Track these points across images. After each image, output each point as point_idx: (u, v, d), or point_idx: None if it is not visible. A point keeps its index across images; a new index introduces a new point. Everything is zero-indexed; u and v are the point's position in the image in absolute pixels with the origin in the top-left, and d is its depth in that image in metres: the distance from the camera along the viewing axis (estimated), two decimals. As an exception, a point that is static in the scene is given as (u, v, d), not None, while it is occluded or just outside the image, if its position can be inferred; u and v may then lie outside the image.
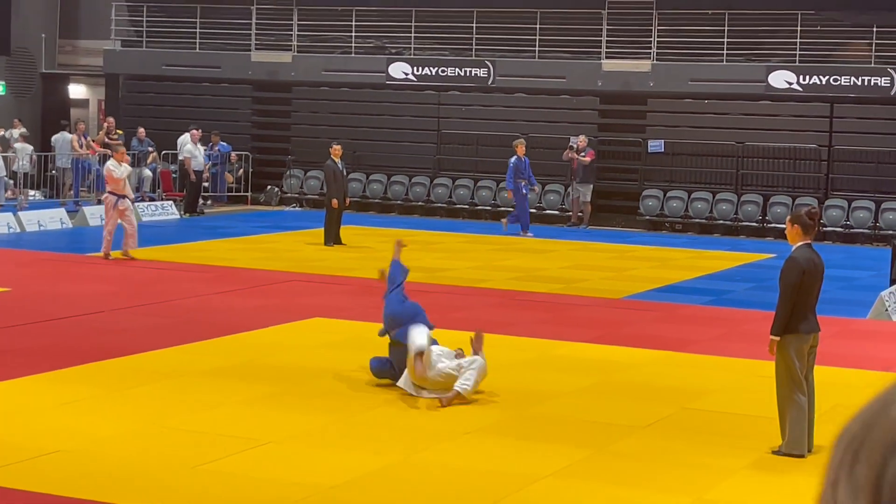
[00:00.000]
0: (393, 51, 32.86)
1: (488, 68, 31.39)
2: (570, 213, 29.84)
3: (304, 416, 10.94)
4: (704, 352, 14.48)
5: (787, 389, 10.06)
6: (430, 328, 12.04)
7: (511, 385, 12.12)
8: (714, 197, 29.71)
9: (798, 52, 29.20)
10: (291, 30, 33.64)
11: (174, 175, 31.23)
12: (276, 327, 15.25)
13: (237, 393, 11.67)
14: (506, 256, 23.41)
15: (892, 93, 28.34)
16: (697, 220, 29.60)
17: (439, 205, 31.73)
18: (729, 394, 12.36)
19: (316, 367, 12.91)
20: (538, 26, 31.16)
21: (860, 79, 28.55)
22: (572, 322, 16.29)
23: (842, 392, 12.32)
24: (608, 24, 30.70)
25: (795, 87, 29.06)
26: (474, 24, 31.66)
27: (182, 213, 29.34)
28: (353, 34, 32.96)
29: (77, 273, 19.61)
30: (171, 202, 29.57)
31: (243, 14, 33.85)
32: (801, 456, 10.04)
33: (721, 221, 29.43)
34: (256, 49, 33.76)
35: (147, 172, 31.09)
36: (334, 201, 23.92)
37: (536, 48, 31.31)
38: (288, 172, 32.88)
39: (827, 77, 28.77)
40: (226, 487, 8.91)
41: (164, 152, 31.66)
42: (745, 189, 29.66)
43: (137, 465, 9.31)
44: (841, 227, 28.35)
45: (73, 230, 26.11)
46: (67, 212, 27.07)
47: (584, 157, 29.05)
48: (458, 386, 11.48)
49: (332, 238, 24.03)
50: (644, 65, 30.26)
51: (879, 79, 28.39)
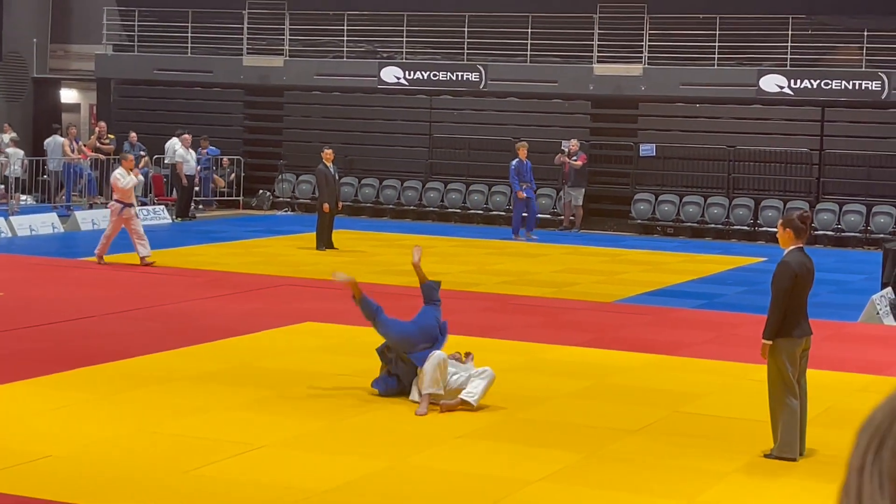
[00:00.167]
0: (385, 55, 32.86)
1: (480, 72, 31.40)
2: (562, 217, 29.86)
3: (297, 420, 10.93)
4: (696, 355, 14.49)
5: (780, 393, 10.07)
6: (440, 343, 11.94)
7: (503, 389, 12.11)
8: (705, 201, 29.74)
9: (789, 57, 29.24)
10: (283, 34, 33.64)
11: (165, 179, 31.20)
12: (269, 331, 15.25)
13: (229, 397, 11.67)
14: (497, 260, 23.42)
15: (883, 97, 28.39)
16: (689, 224, 29.63)
17: (431, 209, 31.72)
18: (721, 397, 12.37)
19: (308, 371, 12.91)
20: (530, 30, 31.17)
21: (851, 83, 28.59)
22: (564, 326, 16.30)
23: (834, 395, 12.34)
24: (600, 29, 30.73)
25: (787, 91, 29.10)
26: (466, 29, 31.68)
27: (174, 217, 29.31)
28: (345, 38, 32.96)
29: (69, 277, 19.59)
30: (162, 207, 29.55)
31: (235, 18, 33.84)
32: (793, 459, 10.05)
33: (712, 225, 29.46)
34: (248, 53, 33.75)
35: (139, 177, 31.03)
36: (326, 205, 23.92)
37: (528, 52, 31.32)
38: (280, 177, 32.87)
39: (818, 81, 28.82)
40: (218, 492, 8.90)
41: (155, 157, 31.61)
42: (736, 193, 29.69)
43: (129, 469, 9.30)
44: (832, 230, 28.39)
45: (65, 234, 26.08)
46: (59, 216, 27.05)
47: (575, 160, 29.08)
48: (466, 395, 11.46)
49: (324, 242, 24.03)
50: (636, 69, 30.28)
51: (870, 83, 28.43)
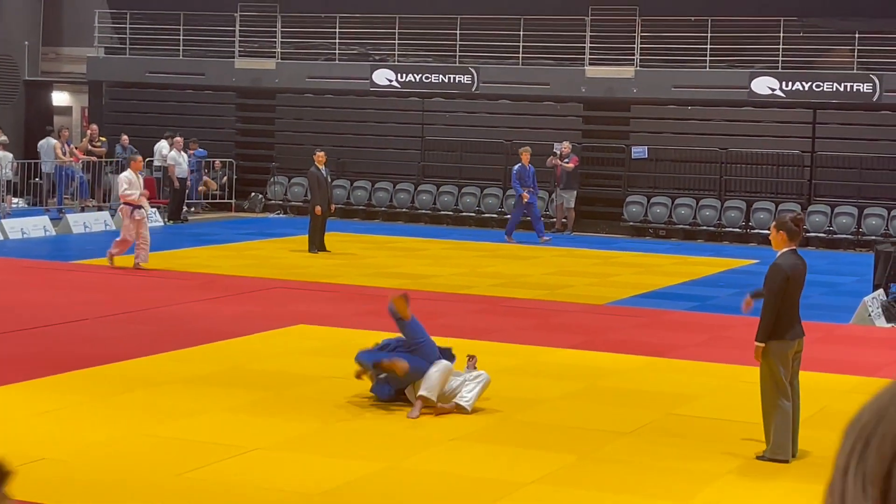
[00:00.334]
0: (377, 58, 32.87)
1: (472, 75, 31.42)
2: (554, 220, 29.86)
3: (290, 422, 10.93)
4: (688, 357, 14.51)
5: (772, 395, 10.09)
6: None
7: (496, 391, 12.12)
8: (697, 203, 29.77)
9: (781, 59, 29.28)
10: (275, 37, 33.63)
11: (157, 182, 31.16)
12: (261, 334, 15.24)
13: (222, 400, 11.66)
14: (490, 263, 23.43)
15: (875, 98, 28.44)
16: (681, 226, 29.66)
17: (423, 211, 31.72)
18: (713, 399, 12.39)
19: (301, 373, 12.91)
20: (522, 33, 31.19)
21: (843, 85, 28.64)
22: (556, 328, 16.31)
23: (826, 397, 12.37)
24: (591, 31, 30.76)
25: (778, 93, 29.15)
26: (458, 31, 31.69)
27: (166, 220, 29.29)
28: (337, 41, 32.96)
29: (60, 281, 19.57)
30: (155, 209, 29.51)
31: (227, 21, 33.83)
32: (786, 461, 10.07)
33: (704, 227, 29.49)
34: (240, 56, 33.74)
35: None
36: (318, 208, 23.92)
37: (520, 55, 31.35)
38: (272, 179, 32.86)
39: (809, 83, 28.86)
40: (211, 495, 8.90)
41: (147, 159, 31.57)
42: (728, 195, 29.73)
43: (123, 472, 9.29)
44: (824, 232, 28.43)
45: (57, 238, 26.05)
46: (51, 219, 27.01)
47: (567, 163, 29.10)
48: (461, 400, 11.46)
49: (317, 245, 24.03)
50: (627, 71, 30.32)
51: (862, 85, 28.48)
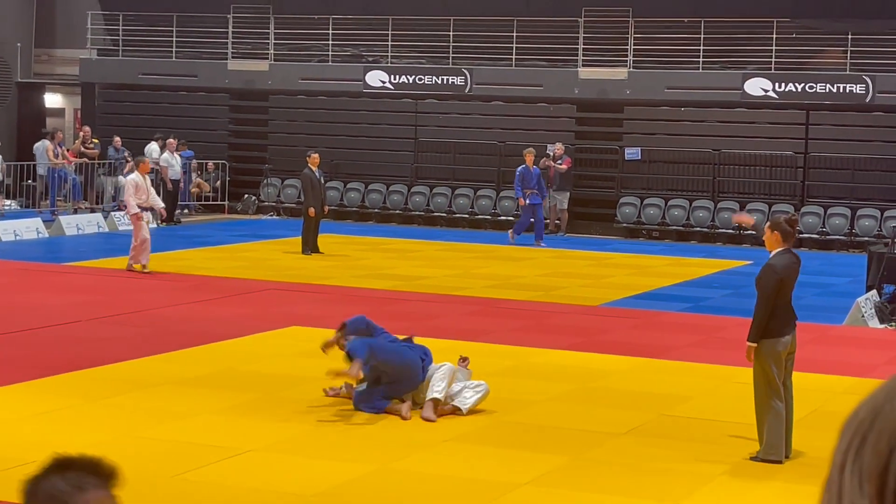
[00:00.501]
0: (370, 59, 32.86)
1: (465, 76, 31.42)
2: (548, 221, 29.87)
3: (283, 424, 10.92)
4: (682, 358, 14.51)
5: (765, 395, 10.09)
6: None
7: (489, 393, 12.11)
8: (691, 204, 29.78)
9: (774, 60, 29.31)
10: (268, 38, 33.61)
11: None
12: (254, 336, 15.23)
13: (215, 402, 11.65)
14: (483, 264, 23.43)
15: (868, 100, 28.47)
16: (674, 228, 29.68)
17: (417, 213, 31.72)
18: (706, 400, 12.39)
19: (294, 375, 12.89)
20: (515, 34, 31.19)
21: (836, 86, 28.66)
22: (550, 329, 16.31)
23: (819, 398, 12.37)
24: (584, 33, 30.76)
25: (771, 94, 29.17)
26: (451, 33, 31.69)
27: (158, 221, 29.22)
28: (330, 43, 32.95)
29: (54, 283, 19.55)
30: (148, 211, 29.41)
31: (220, 23, 33.81)
32: (779, 462, 10.07)
33: (698, 228, 29.51)
34: (233, 58, 33.72)
35: (123, 181, 30.95)
36: (311, 210, 23.90)
37: (513, 56, 31.35)
38: (265, 181, 32.84)
39: (802, 84, 28.89)
40: (204, 497, 8.89)
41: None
42: (721, 196, 29.75)
43: (115, 474, 9.27)
44: (817, 233, 28.46)
45: (50, 240, 26.02)
46: (44, 221, 26.97)
47: (560, 164, 29.10)
48: (458, 403, 11.45)
49: (310, 246, 24.01)
50: (620, 73, 30.33)
51: (855, 86, 28.50)
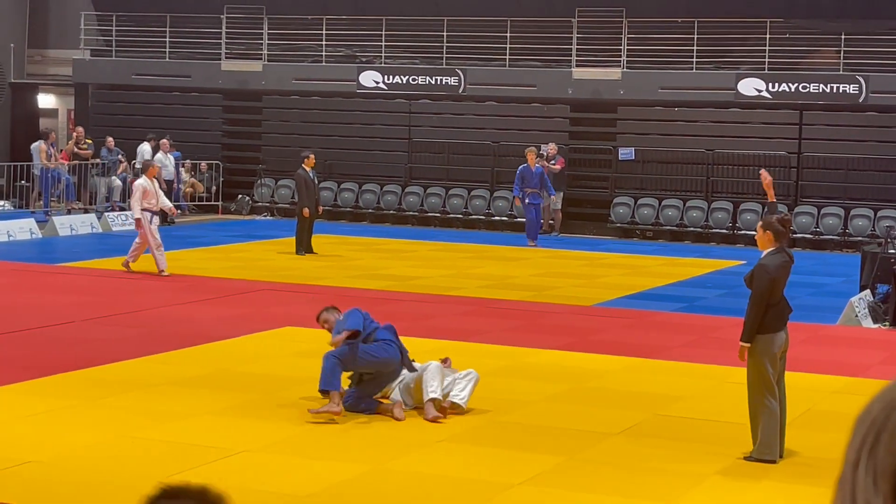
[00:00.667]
0: (363, 59, 32.85)
1: (459, 77, 31.42)
2: (542, 221, 29.87)
3: (277, 425, 10.92)
4: (676, 358, 14.52)
5: (759, 395, 10.10)
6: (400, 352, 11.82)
7: (483, 393, 12.11)
8: (684, 204, 29.81)
9: (767, 60, 29.34)
10: (262, 39, 33.60)
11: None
12: (248, 336, 15.22)
13: (209, 403, 11.65)
14: (477, 264, 23.44)
15: (861, 100, 28.50)
16: (668, 228, 29.70)
17: (411, 213, 31.73)
18: (700, 400, 12.40)
19: (288, 376, 12.89)
20: (508, 35, 31.20)
21: (829, 86, 28.70)
22: (544, 329, 16.31)
23: (813, 397, 12.39)
24: (578, 33, 30.78)
25: (765, 94, 29.20)
26: (444, 33, 31.69)
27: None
28: (324, 43, 32.94)
29: (47, 283, 19.52)
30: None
31: (213, 23, 33.78)
32: (773, 461, 10.08)
33: (691, 228, 29.53)
34: (226, 58, 33.70)
35: (117, 182, 30.96)
36: (305, 210, 23.89)
37: (507, 56, 31.36)
38: (259, 181, 32.83)
39: (796, 84, 28.92)
40: (198, 497, 8.88)
41: (133, 162, 31.53)
42: (715, 196, 29.77)
43: (110, 475, 9.27)
44: (811, 233, 28.49)
45: (43, 240, 26.00)
46: (37, 222, 26.94)
47: (554, 164, 29.11)
48: (455, 398, 11.45)
49: (304, 247, 24.00)
50: (614, 73, 30.34)
51: (848, 86, 28.54)
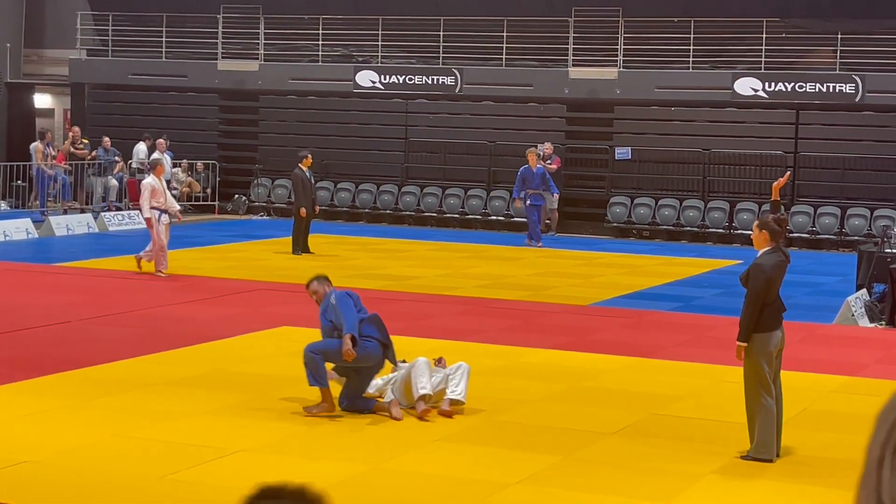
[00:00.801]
0: (360, 59, 32.85)
1: (455, 76, 31.42)
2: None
3: (274, 424, 10.92)
4: (672, 358, 14.52)
5: (756, 394, 10.10)
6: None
7: (480, 392, 12.12)
8: (681, 204, 29.81)
9: (763, 60, 29.35)
10: (258, 38, 33.58)
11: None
12: (244, 336, 15.22)
13: (205, 402, 11.64)
14: (474, 264, 23.44)
15: (857, 99, 28.52)
16: (665, 227, 29.71)
17: (407, 213, 31.72)
18: (697, 399, 12.40)
19: (284, 375, 12.88)
20: (505, 34, 31.21)
21: (825, 85, 28.71)
22: (540, 329, 16.31)
23: (809, 396, 12.39)
24: (574, 32, 30.77)
25: (761, 93, 29.21)
26: (441, 33, 31.69)
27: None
28: (320, 43, 32.93)
29: (43, 283, 19.52)
30: (137, 211, 29.41)
31: (209, 23, 33.77)
32: (770, 460, 10.08)
33: (688, 228, 29.54)
34: (223, 58, 33.68)
35: (113, 182, 30.95)
36: (302, 210, 23.88)
37: (503, 56, 31.36)
38: (255, 181, 32.82)
39: (792, 84, 28.93)
40: (195, 497, 8.88)
41: (129, 162, 31.52)
42: (711, 196, 29.78)
43: (106, 475, 9.27)
44: (807, 233, 28.51)
45: (39, 240, 25.98)
46: (33, 222, 26.92)
47: (550, 164, 29.09)
48: (453, 395, 11.46)
49: (301, 247, 23.99)
50: (611, 72, 30.35)
51: (844, 85, 28.55)
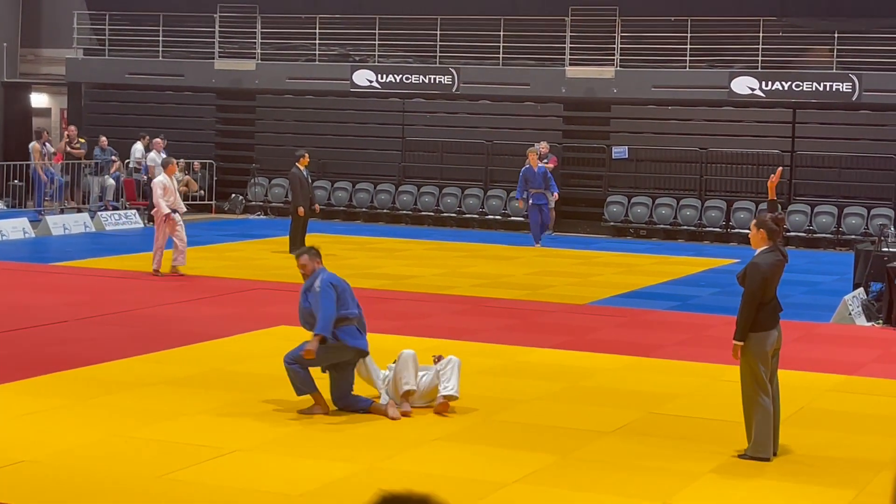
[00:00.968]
0: (357, 58, 32.85)
1: (452, 75, 31.42)
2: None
3: (271, 424, 10.92)
4: (670, 357, 14.53)
5: (753, 393, 10.11)
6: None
7: (477, 392, 12.13)
8: (678, 203, 29.82)
9: (760, 59, 29.36)
10: (255, 38, 33.57)
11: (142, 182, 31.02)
12: (242, 335, 15.22)
13: (203, 402, 11.64)
14: (471, 263, 23.44)
15: (854, 98, 28.53)
16: (662, 226, 29.72)
17: (404, 212, 31.73)
18: (694, 398, 12.41)
19: (281, 375, 12.85)
20: (502, 33, 31.21)
21: (822, 84, 28.72)
22: (538, 328, 16.32)
23: (807, 396, 12.40)
24: (571, 31, 30.79)
25: (758, 93, 29.22)
26: (438, 32, 31.69)
27: (146, 221, 29.22)
28: (317, 42, 32.93)
29: (40, 283, 19.50)
30: (134, 211, 29.46)
31: (206, 22, 33.76)
32: (767, 459, 10.09)
33: (685, 227, 29.55)
34: (220, 57, 33.67)
35: (110, 181, 30.94)
36: (300, 209, 23.88)
37: (500, 55, 31.37)
38: (252, 180, 32.81)
39: (789, 83, 28.94)
40: (192, 497, 8.88)
41: (126, 161, 31.51)
42: (708, 195, 29.79)
43: (103, 474, 9.27)
44: (804, 232, 28.52)
45: (36, 240, 25.97)
46: (30, 221, 26.91)
47: (546, 163, 29.08)
48: (446, 391, 11.46)
49: (298, 246, 23.91)
50: (608, 71, 30.35)
51: (841, 84, 28.57)
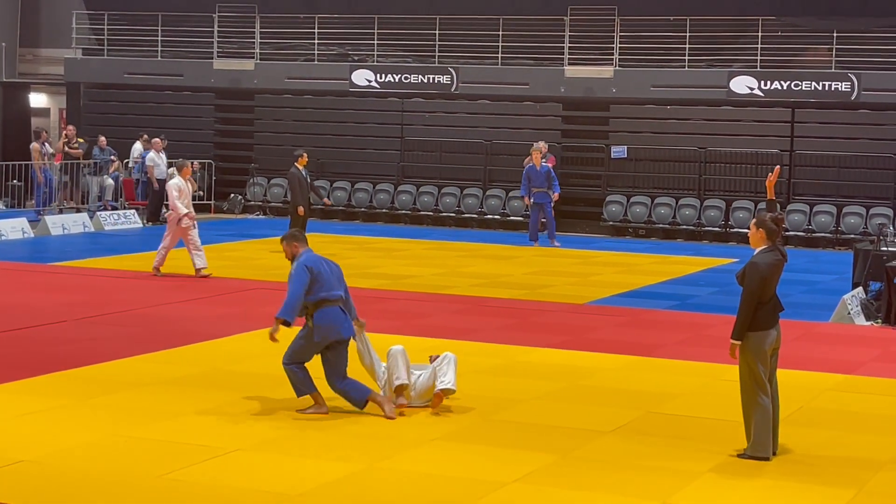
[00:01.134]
0: (356, 58, 32.85)
1: (451, 75, 31.42)
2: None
3: (269, 424, 10.91)
4: (669, 356, 14.52)
5: (752, 392, 10.10)
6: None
7: (476, 391, 12.12)
8: (677, 202, 29.82)
9: (759, 58, 29.37)
10: (254, 37, 33.57)
11: (142, 181, 31.00)
12: (241, 335, 15.22)
13: (202, 401, 11.64)
14: (470, 263, 23.43)
15: (853, 97, 28.53)
16: (661, 226, 29.71)
17: (403, 211, 31.72)
18: (694, 398, 12.41)
19: (281, 375, 12.85)
20: (501, 33, 31.21)
21: (821, 84, 28.73)
22: (537, 328, 16.31)
23: (806, 395, 12.39)
24: (570, 31, 30.79)
25: (757, 92, 29.23)
26: (437, 32, 31.68)
27: (145, 221, 29.22)
28: (316, 42, 32.93)
29: (39, 282, 19.49)
30: (133, 211, 29.45)
31: (205, 22, 33.76)
32: (766, 459, 10.08)
33: (684, 226, 29.55)
34: (219, 57, 33.67)
35: (109, 181, 30.93)
36: (300, 209, 23.87)
37: (499, 55, 31.36)
38: (251, 180, 32.81)
39: (788, 82, 28.95)
40: (191, 496, 8.87)
41: (125, 161, 31.50)
42: (707, 194, 29.79)
43: (102, 474, 9.26)
44: (803, 231, 28.52)
45: (35, 240, 25.96)
46: (29, 221, 26.90)
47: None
48: (443, 384, 11.44)
49: (297, 246, 23.94)
50: (607, 71, 30.35)
51: (840, 84, 28.57)
